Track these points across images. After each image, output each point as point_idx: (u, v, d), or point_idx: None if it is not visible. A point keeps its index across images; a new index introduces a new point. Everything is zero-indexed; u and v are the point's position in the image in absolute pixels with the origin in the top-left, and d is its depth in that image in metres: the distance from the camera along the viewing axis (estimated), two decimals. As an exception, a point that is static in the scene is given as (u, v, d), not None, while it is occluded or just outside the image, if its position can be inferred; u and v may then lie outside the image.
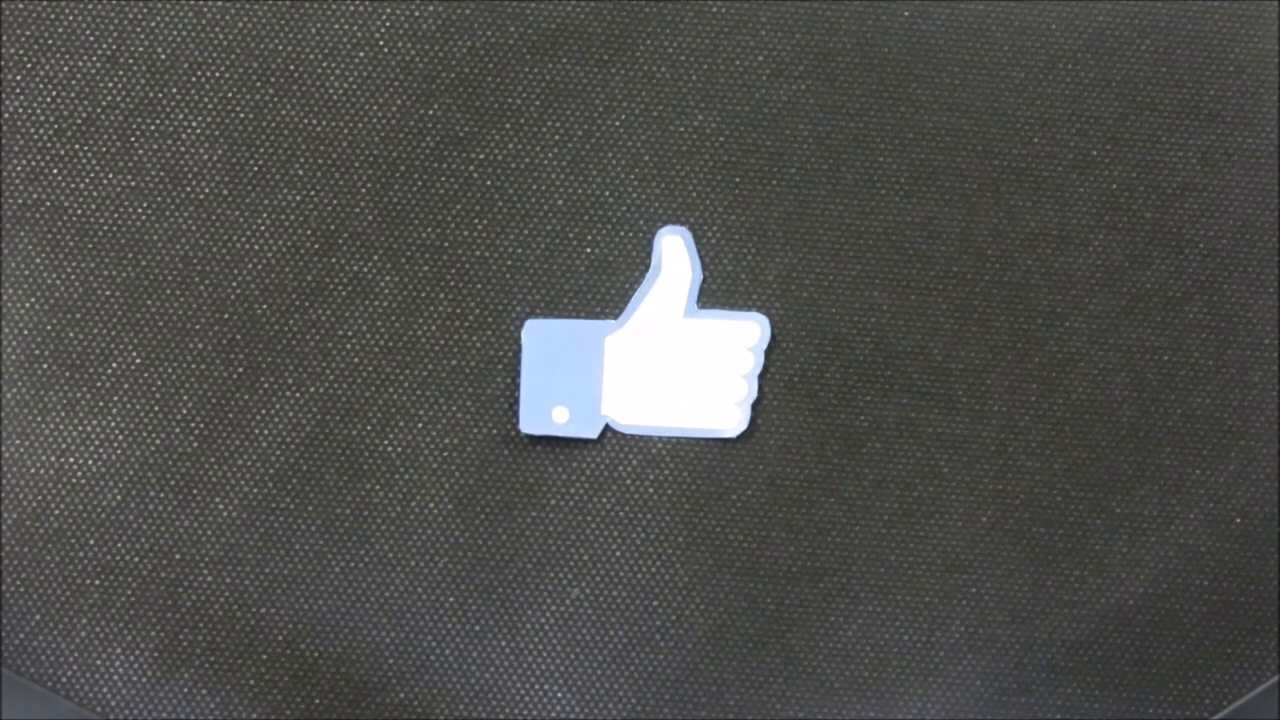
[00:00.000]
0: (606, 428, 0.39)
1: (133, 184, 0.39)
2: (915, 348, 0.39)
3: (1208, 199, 0.40)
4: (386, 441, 0.39)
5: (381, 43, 0.39)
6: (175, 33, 0.39)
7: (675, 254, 0.39)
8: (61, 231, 0.39)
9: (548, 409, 0.39)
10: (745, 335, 0.39)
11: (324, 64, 0.39)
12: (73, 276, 0.39)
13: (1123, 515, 0.39)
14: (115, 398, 0.39)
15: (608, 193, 0.39)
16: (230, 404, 0.39)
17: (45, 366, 0.39)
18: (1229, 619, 0.39)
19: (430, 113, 0.39)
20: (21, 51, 0.39)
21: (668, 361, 0.39)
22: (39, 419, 0.39)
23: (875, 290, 0.39)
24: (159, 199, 0.39)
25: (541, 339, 0.39)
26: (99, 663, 0.39)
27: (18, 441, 0.39)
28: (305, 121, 0.39)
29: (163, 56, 0.39)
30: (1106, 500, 0.39)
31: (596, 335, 0.39)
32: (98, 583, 0.39)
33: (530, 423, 0.39)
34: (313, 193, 0.39)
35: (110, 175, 0.39)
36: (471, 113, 0.39)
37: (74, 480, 0.39)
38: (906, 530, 0.39)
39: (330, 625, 0.39)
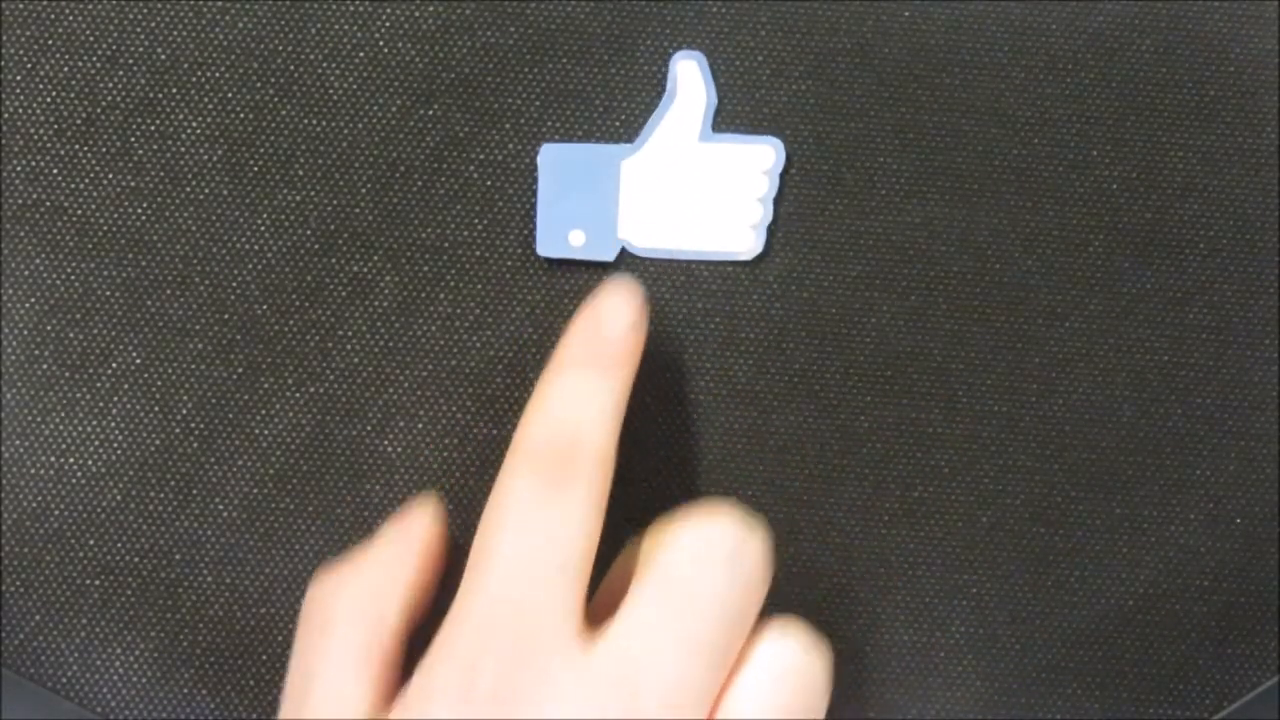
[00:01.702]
0: (623, 251, 0.39)
1: (133, 184, 0.39)
2: (915, 348, 0.39)
3: (1208, 199, 0.40)
4: (386, 441, 0.39)
5: (381, 43, 0.39)
6: (175, 33, 0.39)
7: (690, 79, 0.39)
8: (61, 231, 0.39)
9: (564, 232, 0.39)
10: (760, 158, 0.39)
11: (324, 64, 0.39)
12: (73, 276, 0.39)
13: (1123, 515, 0.39)
14: (115, 398, 0.39)
15: (608, 193, 0.39)
16: (230, 404, 0.39)
17: (45, 366, 0.39)
18: (1229, 619, 0.39)
19: (430, 113, 0.39)
20: (21, 51, 0.39)
21: (683, 185, 0.39)
22: (39, 419, 0.39)
23: (875, 291, 0.39)
24: (159, 199, 0.39)
25: (558, 163, 0.39)
26: (99, 663, 0.39)
27: (18, 441, 0.39)
28: (305, 121, 0.39)
29: (163, 56, 0.39)
30: (1106, 500, 0.39)
31: (613, 159, 0.39)
32: (98, 583, 0.39)
33: (547, 246, 0.39)
34: (313, 193, 0.39)
35: (110, 175, 0.39)
36: (471, 113, 0.39)
37: (74, 480, 0.39)
38: (906, 530, 0.39)
39: (330, 625, 0.39)
